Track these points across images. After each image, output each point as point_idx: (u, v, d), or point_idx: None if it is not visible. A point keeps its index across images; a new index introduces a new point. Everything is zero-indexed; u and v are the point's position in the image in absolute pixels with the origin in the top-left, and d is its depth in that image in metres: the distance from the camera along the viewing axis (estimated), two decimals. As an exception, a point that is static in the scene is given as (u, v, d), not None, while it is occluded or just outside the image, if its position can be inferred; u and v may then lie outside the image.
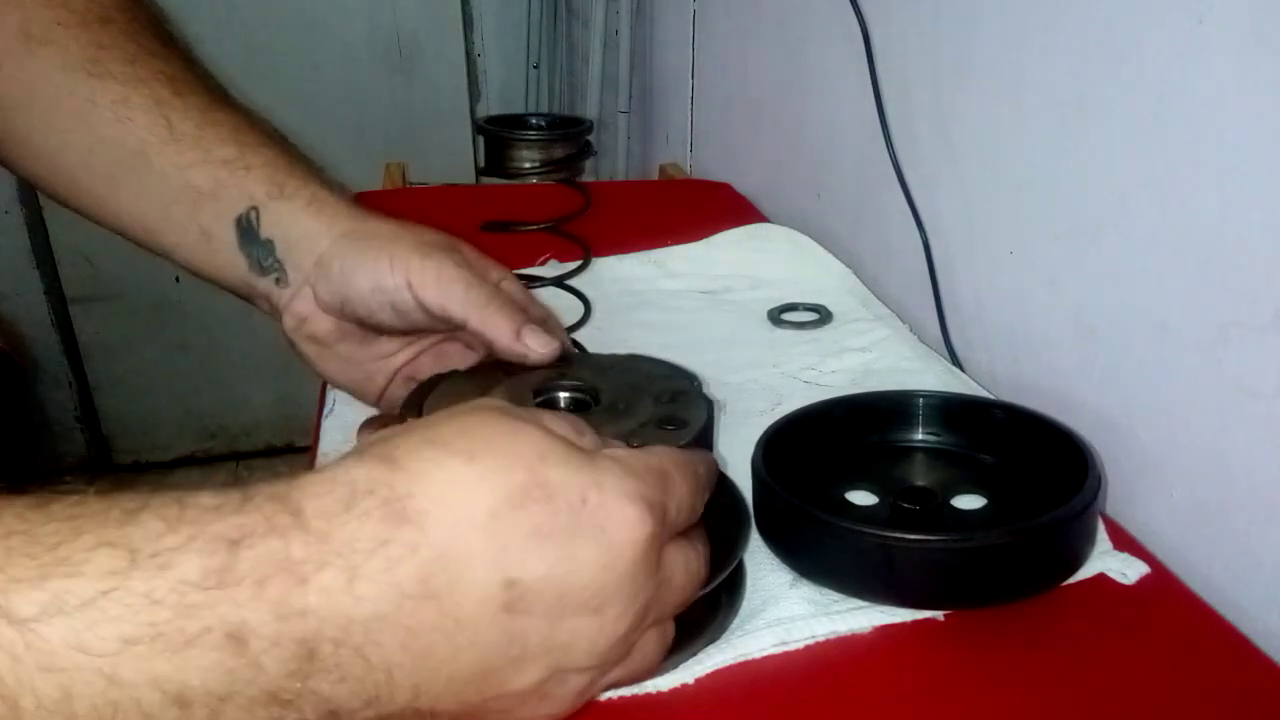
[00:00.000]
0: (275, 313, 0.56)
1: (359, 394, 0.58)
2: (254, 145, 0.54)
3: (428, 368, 0.56)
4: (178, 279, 2.16)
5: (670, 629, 0.39)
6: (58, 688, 0.26)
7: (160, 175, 0.53)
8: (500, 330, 0.50)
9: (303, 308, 0.54)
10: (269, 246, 0.54)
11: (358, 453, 0.33)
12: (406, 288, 0.51)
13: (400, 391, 0.56)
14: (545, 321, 0.55)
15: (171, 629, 0.27)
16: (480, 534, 0.32)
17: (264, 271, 0.54)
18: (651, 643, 0.38)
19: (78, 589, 0.26)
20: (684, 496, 0.37)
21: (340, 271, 0.52)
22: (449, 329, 0.54)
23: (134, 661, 0.26)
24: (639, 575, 0.34)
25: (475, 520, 0.32)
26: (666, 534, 0.36)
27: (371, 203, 1.11)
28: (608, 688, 0.38)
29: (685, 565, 0.38)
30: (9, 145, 0.56)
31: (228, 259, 0.54)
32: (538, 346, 0.50)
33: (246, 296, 0.56)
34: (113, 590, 0.27)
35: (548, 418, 0.38)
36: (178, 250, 0.55)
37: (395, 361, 0.57)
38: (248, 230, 0.53)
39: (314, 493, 0.31)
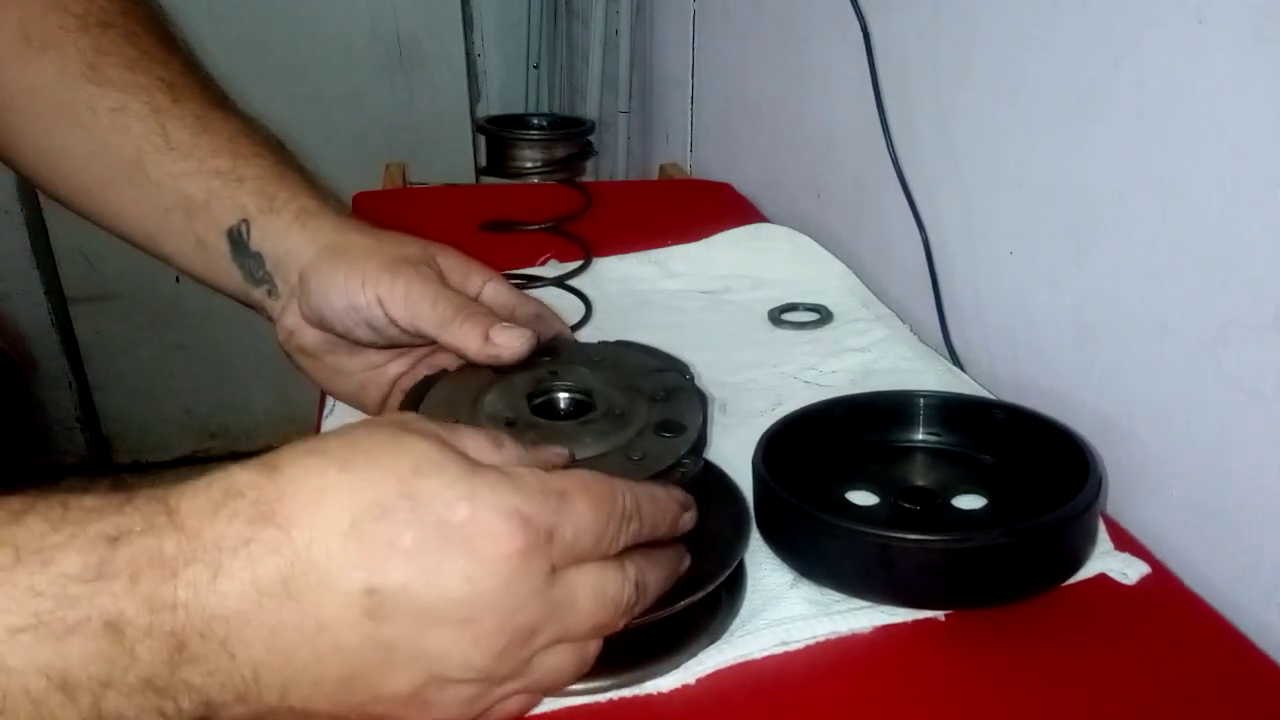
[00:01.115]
0: (273, 321, 0.56)
1: (357, 404, 0.58)
2: (248, 155, 0.54)
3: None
4: (178, 279, 2.14)
5: (590, 648, 0.38)
6: None
7: (156, 184, 0.53)
8: (468, 339, 0.50)
9: (291, 321, 0.55)
10: (259, 259, 0.54)
11: (246, 461, 0.34)
12: (378, 305, 0.51)
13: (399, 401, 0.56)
14: (539, 318, 0.55)
15: (54, 619, 0.29)
16: (341, 540, 0.32)
17: (257, 283, 0.54)
18: (558, 658, 0.37)
19: None
20: (585, 522, 0.36)
21: (317, 288, 0.52)
22: (427, 343, 0.53)
23: (20, 650, 0.28)
24: (515, 591, 0.34)
25: (339, 527, 0.33)
26: (557, 555, 0.36)
27: (371, 203, 1.11)
28: (515, 699, 0.37)
29: (596, 590, 0.37)
30: (10, 148, 0.57)
31: (223, 268, 0.54)
32: (506, 343, 0.49)
33: (247, 303, 0.56)
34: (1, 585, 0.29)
35: (462, 434, 0.38)
36: (177, 257, 0.56)
37: (389, 372, 0.57)
38: (239, 242, 0.53)
39: (190, 494, 0.33)
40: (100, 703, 0.29)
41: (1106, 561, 0.49)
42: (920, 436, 0.57)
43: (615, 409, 0.46)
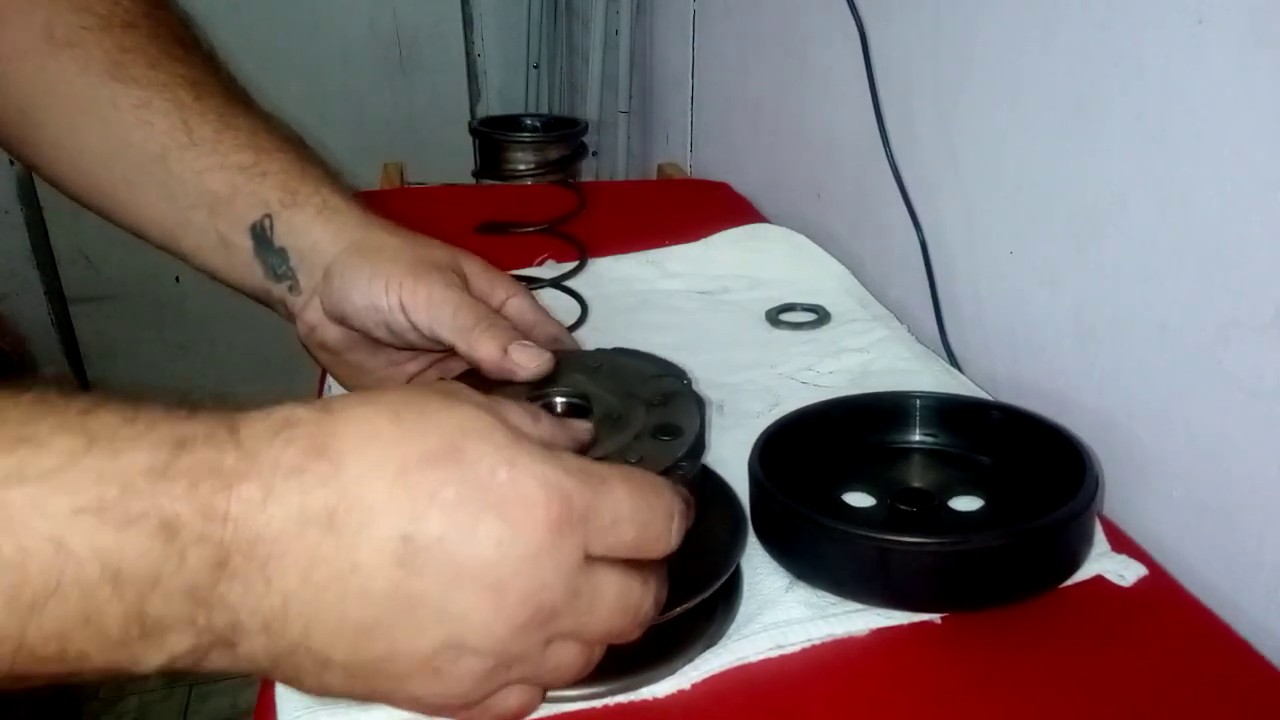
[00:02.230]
0: (291, 318, 0.56)
1: None
2: (270, 150, 0.55)
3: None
4: (178, 279, 2.16)
5: (595, 654, 0.38)
6: (16, 548, 0.28)
7: (179, 180, 0.53)
8: (486, 352, 0.50)
9: (313, 316, 0.55)
10: (283, 255, 0.54)
11: (304, 400, 0.35)
12: (400, 309, 0.51)
13: None
14: (558, 340, 0.55)
15: (117, 507, 0.30)
16: (387, 484, 0.33)
17: (279, 279, 0.54)
18: (566, 654, 0.37)
19: (39, 461, 0.29)
20: (622, 509, 0.36)
21: (340, 286, 0.52)
22: (444, 349, 0.53)
23: (81, 532, 0.29)
24: (544, 566, 0.34)
25: (386, 471, 0.33)
26: (593, 539, 0.35)
27: (368, 203, 1.10)
28: (517, 694, 0.37)
29: (620, 592, 0.37)
30: (29, 145, 0.57)
31: (245, 264, 0.54)
32: (524, 362, 0.49)
33: (265, 301, 0.56)
34: (70, 465, 0.29)
35: (504, 405, 0.38)
36: (197, 254, 0.55)
37: (407, 370, 0.57)
38: (262, 238, 0.54)
39: (251, 418, 0.34)
40: (144, 602, 0.30)
41: (1104, 563, 0.49)
42: (918, 438, 0.57)
43: (613, 413, 0.46)
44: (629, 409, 0.46)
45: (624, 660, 0.41)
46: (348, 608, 0.33)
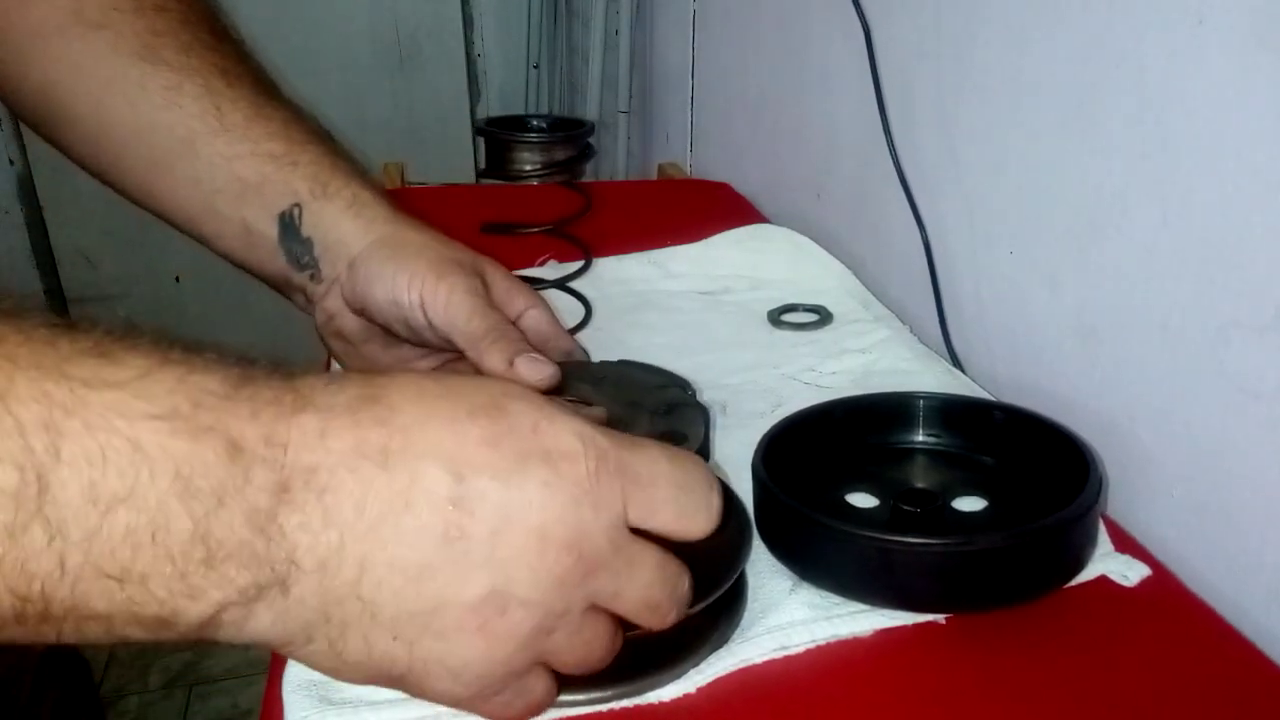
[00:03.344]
0: (308, 307, 0.57)
1: None
2: (301, 142, 0.55)
3: None
4: (178, 279, 2.16)
5: (619, 638, 0.38)
6: (97, 446, 0.28)
7: (207, 164, 0.54)
8: (493, 363, 0.50)
9: (332, 305, 0.55)
10: (308, 244, 0.54)
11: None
12: (419, 307, 0.52)
13: None
14: (571, 355, 0.56)
15: (190, 419, 0.30)
16: (438, 430, 0.34)
17: (301, 268, 0.55)
18: (600, 627, 0.37)
19: (115, 372, 0.30)
20: (659, 467, 0.37)
21: (364, 278, 0.53)
22: (456, 351, 0.54)
23: (157, 437, 0.29)
24: (585, 513, 0.34)
25: (436, 419, 0.34)
26: (629, 492, 0.36)
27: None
28: (540, 675, 0.37)
29: (660, 562, 0.37)
30: (51, 122, 0.57)
31: (267, 252, 0.55)
32: (529, 375, 0.50)
33: (282, 289, 0.57)
34: (145, 377, 0.30)
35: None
36: (218, 240, 0.56)
37: (418, 368, 0.58)
38: (289, 226, 0.54)
39: (305, 372, 0.35)
40: (209, 520, 0.30)
41: (1107, 563, 0.49)
42: (920, 438, 0.57)
43: (618, 423, 0.46)
44: (634, 418, 0.47)
45: (630, 665, 0.41)
46: (401, 549, 0.33)
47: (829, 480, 0.54)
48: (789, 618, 0.45)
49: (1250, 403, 0.49)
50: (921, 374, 0.69)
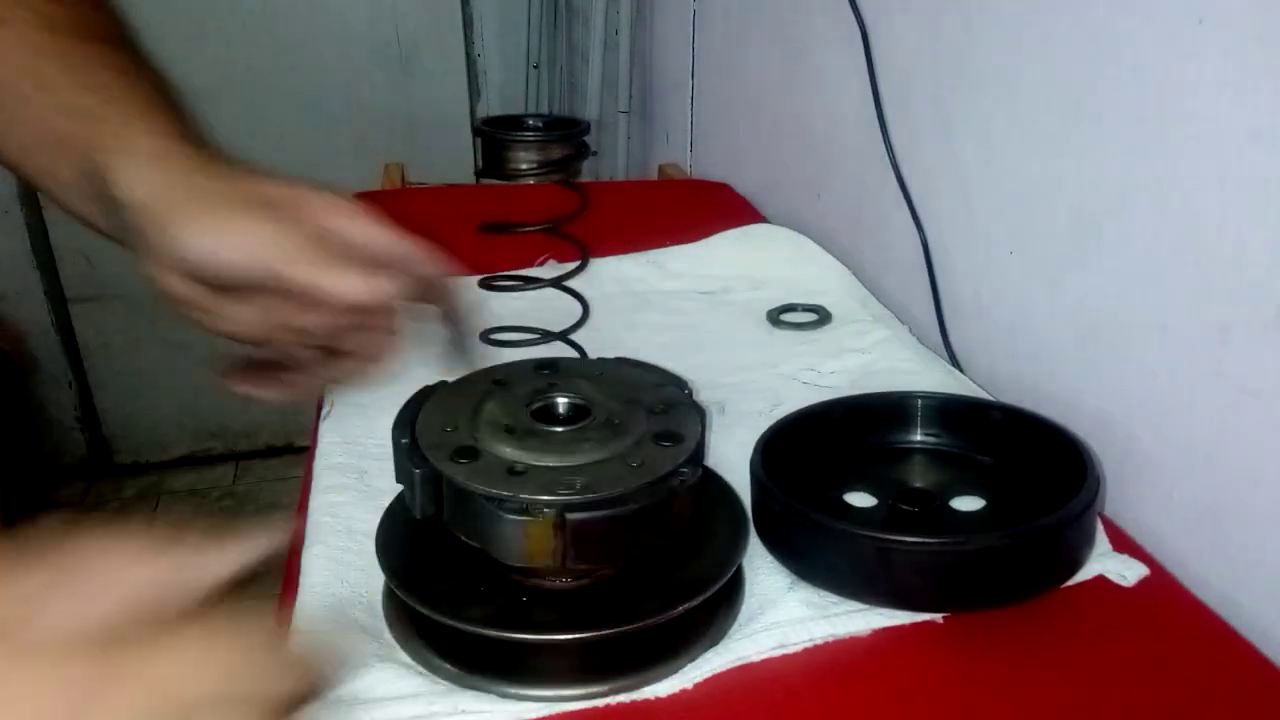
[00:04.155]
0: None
1: (280, 359, 0.55)
2: (118, 96, 0.52)
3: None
4: (178, 279, 2.16)
5: None
6: None
7: (33, 118, 0.52)
8: (312, 278, 0.47)
9: (150, 269, 0.51)
10: (115, 202, 0.51)
11: None
12: (221, 247, 0.48)
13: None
14: (406, 259, 0.52)
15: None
16: None
17: (119, 229, 0.51)
18: None
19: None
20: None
21: (169, 233, 0.49)
22: (280, 286, 0.49)
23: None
24: None
25: None
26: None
27: (369, 203, 1.10)
28: None
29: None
30: None
31: (90, 210, 0.52)
32: (347, 286, 0.47)
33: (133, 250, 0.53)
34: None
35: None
36: (58, 194, 0.54)
37: (301, 322, 0.52)
38: (97, 183, 0.51)
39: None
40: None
41: (1105, 563, 0.49)
42: (919, 438, 0.57)
43: (614, 418, 0.46)
44: (630, 415, 0.46)
45: (626, 660, 0.41)
46: None
47: (827, 480, 0.53)
48: (786, 616, 0.45)
49: (1250, 402, 0.49)
50: (920, 374, 0.69)
